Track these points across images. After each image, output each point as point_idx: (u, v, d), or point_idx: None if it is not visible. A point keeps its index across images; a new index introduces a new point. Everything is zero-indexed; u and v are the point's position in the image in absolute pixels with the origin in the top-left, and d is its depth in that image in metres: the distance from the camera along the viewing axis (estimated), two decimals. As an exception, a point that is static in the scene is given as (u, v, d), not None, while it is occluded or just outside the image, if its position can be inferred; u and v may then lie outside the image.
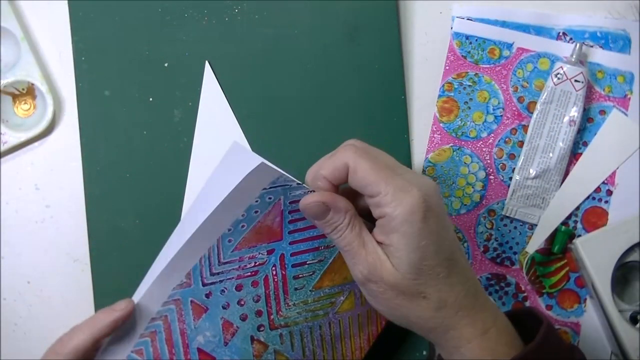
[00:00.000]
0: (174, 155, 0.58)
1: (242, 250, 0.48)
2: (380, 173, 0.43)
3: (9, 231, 0.58)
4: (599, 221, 0.60)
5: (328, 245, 0.48)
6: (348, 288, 0.49)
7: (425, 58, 0.61)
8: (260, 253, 0.48)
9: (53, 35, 0.59)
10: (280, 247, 0.48)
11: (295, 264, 0.48)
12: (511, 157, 0.60)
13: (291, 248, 0.48)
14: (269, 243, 0.48)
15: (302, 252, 0.48)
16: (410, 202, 0.42)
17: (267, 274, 0.48)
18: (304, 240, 0.48)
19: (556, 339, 0.45)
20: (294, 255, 0.48)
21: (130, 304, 0.48)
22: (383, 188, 0.43)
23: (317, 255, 0.48)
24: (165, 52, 0.59)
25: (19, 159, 0.59)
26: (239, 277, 0.48)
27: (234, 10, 0.59)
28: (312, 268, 0.48)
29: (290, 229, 0.48)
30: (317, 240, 0.48)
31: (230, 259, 0.48)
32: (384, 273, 0.43)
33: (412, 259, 0.43)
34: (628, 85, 0.60)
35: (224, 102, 0.59)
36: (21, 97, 0.59)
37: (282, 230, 0.48)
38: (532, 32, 0.60)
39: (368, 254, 0.44)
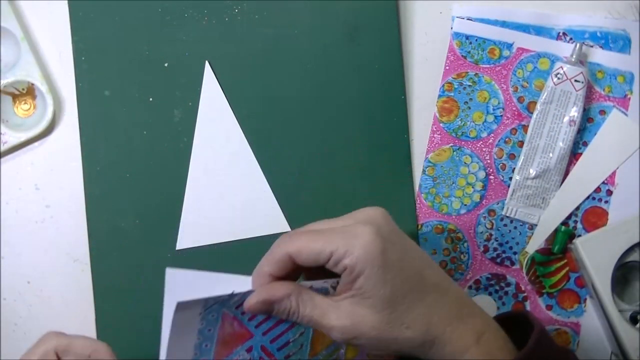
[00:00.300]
0: (174, 155, 0.58)
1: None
2: (320, 237, 0.43)
3: (9, 231, 0.58)
4: (599, 221, 0.60)
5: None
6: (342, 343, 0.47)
7: (425, 58, 0.61)
8: (240, 355, 0.46)
9: (53, 35, 0.59)
10: (257, 341, 0.46)
11: (280, 347, 0.46)
12: (511, 157, 0.60)
13: (267, 337, 0.46)
14: (243, 344, 0.46)
15: (280, 335, 0.46)
16: (362, 243, 0.42)
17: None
18: (274, 326, 0.46)
19: (549, 342, 0.45)
20: (274, 341, 0.46)
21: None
22: (331, 247, 0.42)
23: (296, 330, 0.46)
24: (165, 52, 0.59)
25: (19, 159, 0.59)
26: None
27: (234, 10, 0.59)
28: (298, 343, 0.46)
29: (254, 324, 0.46)
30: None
31: None
32: (360, 326, 0.43)
33: (383, 295, 0.42)
34: (628, 85, 0.60)
35: (224, 102, 0.59)
36: (21, 97, 0.59)
37: (248, 329, 0.46)
38: (532, 32, 0.60)
39: (336, 319, 0.43)
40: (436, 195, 0.60)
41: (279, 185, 0.59)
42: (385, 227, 0.44)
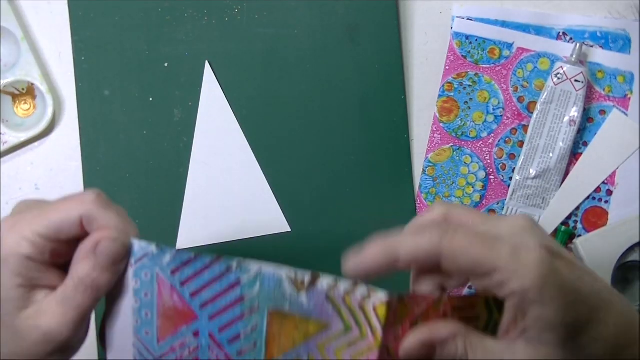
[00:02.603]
0: (174, 155, 0.58)
1: (167, 340, 0.41)
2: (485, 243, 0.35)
3: (9, 231, 0.58)
4: (599, 221, 0.60)
5: (252, 307, 0.40)
6: (304, 350, 0.39)
7: (425, 58, 0.61)
8: (186, 338, 0.41)
9: (53, 35, 0.59)
10: (203, 325, 0.40)
11: (230, 340, 0.40)
12: (511, 157, 0.60)
13: (214, 323, 0.40)
14: (189, 325, 0.40)
15: (228, 324, 0.40)
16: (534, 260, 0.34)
17: (210, 357, 0.41)
18: (221, 311, 0.40)
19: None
20: (223, 331, 0.40)
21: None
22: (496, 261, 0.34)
23: (247, 322, 0.40)
24: (165, 52, 0.59)
25: (19, 159, 0.59)
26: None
27: (234, 10, 0.59)
28: (250, 339, 0.40)
29: (198, 304, 0.40)
30: (236, 306, 0.40)
31: (162, 351, 0.41)
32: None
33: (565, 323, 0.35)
34: (628, 85, 0.60)
35: (224, 102, 0.59)
36: (21, 97, 0.59)
37: (191, 308, 0.40)
38: (532, 32, 0.60)
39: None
40: (436, 195, 0.60)
41: (279, 185, 0.59)
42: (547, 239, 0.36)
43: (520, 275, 0.34)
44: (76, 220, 0.39)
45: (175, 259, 0.40)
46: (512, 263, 0.34)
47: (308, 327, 0.39)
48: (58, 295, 0.38)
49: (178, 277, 0.40)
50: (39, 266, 0.39)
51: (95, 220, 0.39)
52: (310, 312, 0.39)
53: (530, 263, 0.34)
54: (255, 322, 0.40)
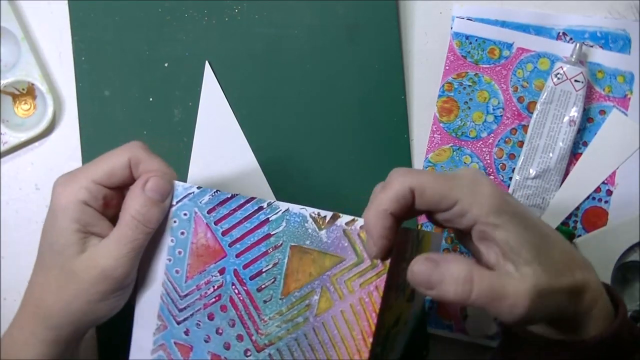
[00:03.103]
0: (174, 155, 0.58)
1: (194, 278, 0.45)
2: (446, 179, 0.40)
3: (9, 231, 0.58)
4: (599, 221, 0.60)
5: (275, 245, 0.44)
6: (318, 284, 0.44)
7: (425, 58, 0.61)
8: (213, 276, 0.45)
9: (53, 35, 0.59)
10: (229, 263, 0.44)
11: (252, 276, 0.44)
12: (511, 157, 0.60)
13: (240, 260, 0.44)
14: (217, 262, 0.45)
15: (252, 261, 0.44)
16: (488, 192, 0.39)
17: (231, 294, 0.45)
18: (248, 248, 0.44)
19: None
20: (247, 267, 0.44)
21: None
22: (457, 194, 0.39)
23: (269, 259, 0.44)
24: (165, 52, 0.59)
25: (19, 159, 0.59)
26: (205, 305, 0.45)
27: (234, 10, 0.59)
28: (271, 274, 0.44)
29: (228, 242, 0.44)
30: (262, 243, 0.44)
31: (188, 290, 0.45)
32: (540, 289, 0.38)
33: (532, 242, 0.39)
34: (628, 85, 0.60)
35: (224, 102, 0.59)
36: (21, 97, 0.59)
37: (222, 246, 0.44)
38: (532, 32, 0.60)
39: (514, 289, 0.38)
40: (436, 195, 0.60)
41: (279, 185, 0.59)
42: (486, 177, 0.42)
43: (478, 203, 0.39)
44: (126, 163, 0.43)
45: (213, 199, 0.44)
46: (470, 194, 0.39)
47: (324, 261, 0.43)
48: (112, 235, 0.43)
49: (213, 216, 0.44)
50: (94, 212, 0.43)
51: (141, 162, 0.43)
52: (328, 246, 0.43)
53: (486, 193, 0.39)
54: (277, 259, 0.44)
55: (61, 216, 0.42)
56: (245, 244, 0.44)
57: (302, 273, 0.44)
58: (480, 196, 0.39)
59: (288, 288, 0.44)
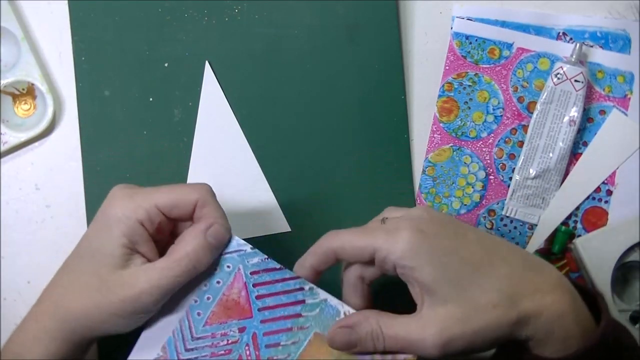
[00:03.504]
0: (174, 155, 0.58)
1: (213, 326, 0.46)
2: (364, 234, 0.44)
3: (9, 231, 0.58)
4: (599, 221, 0.60)
5: (302, 326, 0.45)
6: None
7: (425, 58, 0.61)
8: (231, 330, 0.46)
9: (53, 35, 0.59)
10: (252, 325, 0.46)
11: (268, 345, 0.45)
12: (511, 157, 0.60)
13: (263, 327, 0.46)
14: (240, 320, 0.46)
15: (274, 332, 0.45)
16: (404, 236, 0.42)
17: (241, 354, 0.45)
18: (275, 319, 0.46)
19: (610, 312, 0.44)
20: (267, 335, 0.45)
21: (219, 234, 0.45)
22: (374, 244, 0.43)
23: (291, 336, 0.45)
24: (165, 52, 0.59)
25: (19, 159, 0.59)
26: (212, 354, 0.45)
27: (234, 10, 0.59)
28: (286, 350, 0.45)
29: (259, 306, 0.46)
30: (289, 319, 0.46)
31: (202, 334, 0.46)
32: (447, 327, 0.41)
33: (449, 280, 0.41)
34: (628, 85, 0.60)
35: (224, 102, 0.59)
36: (21, 97, 0.59)
37: (251, 307, 0.46)
38: (532, 32, 0.60)
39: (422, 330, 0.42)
40: (436, 195, 0.60)
41: (279, 185, 0.59)
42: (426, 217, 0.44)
43: (394, 249, 0.42)
44: (193, 202, 0.45)
45: (261, 263, 0.46)
46: (386, 241, 0.43)
47: (341, 356, 0.45)
48: (159, 263, 0.43)
49: (254, 279, 0.46)
50: (145, 233, 0.44)
51: (207, 205, 0.45)
52: None
53: (401, 238, 0.42)
54: (298, 338, 0.45)
55: (114, 227, 0.43)
56: (274, 314, 0.46)
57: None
58: (396, 241, 0.42)
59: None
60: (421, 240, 0.42)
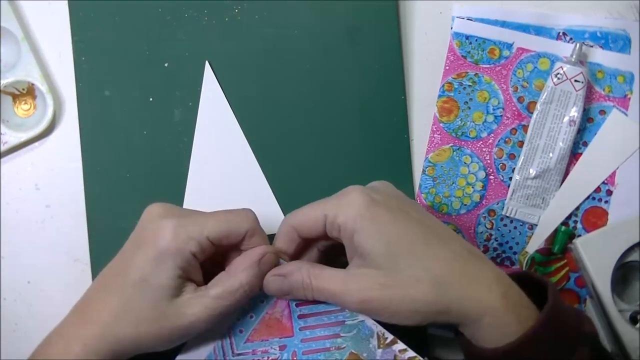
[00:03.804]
0: (174, 155, 0.58)
1: (254, 343, 0.47)
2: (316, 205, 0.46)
3: (9, 231, 0.58)
4: (599, 221, 0.60)
5: (339, 346, 0.47)
6: None
7: (425, 58, 0.61)
8: (272, 348, 0.47)
9: (53, 35, 0.59)
10: (292, 344, 0.47)
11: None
12: (511, 157, 0.60)
13: (303, 346, 0.47)
14: (281, 338, 0.47)
15: (313, 351, 0.47)
16: (350, 200, 0.44)
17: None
18: (315, 338, 0.47)
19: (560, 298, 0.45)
20: (306, 354, 0.47)
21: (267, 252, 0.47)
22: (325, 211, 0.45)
23: (329, 355, 0.47)
24: (165, 52, 0.59)
25: (19, 159, 0.59)
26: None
27: (234, 10, 0.59)
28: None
29: (301, 325, 0.47)
30: (329, 340, 0.47)
31: (243, 350, 0.47)
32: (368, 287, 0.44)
33: (381, 248, 0.43)
34: (628, 85, 0.60)
35: (224, 102, 0.59)
36: (21, 97, 0.59)
37: (293, 326, 0.47)
38: (532, 32, 0.60)
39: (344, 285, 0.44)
40: (436, 195, 0.60)
41: (278, 185, 0.59)
42: (380, 187, 0.47)
43: (342, 212, 0.44)
44: (243, 232, 0.46)
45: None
46: (336, 207, 0.45)
47: None
48: (212, 291, 0.44)
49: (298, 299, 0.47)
50: (197, 264, 0.45)
51: (256, 235, 0.46)
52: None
53: (349, 203, 0.44)
54: (334, 358, 0.47)
55: (169, 259, 0.44)
56: (315, 334, 0.47)
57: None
58: (344, 206, 0.45)
59: None
60: (367, 205, 0.44)
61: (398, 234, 0.44)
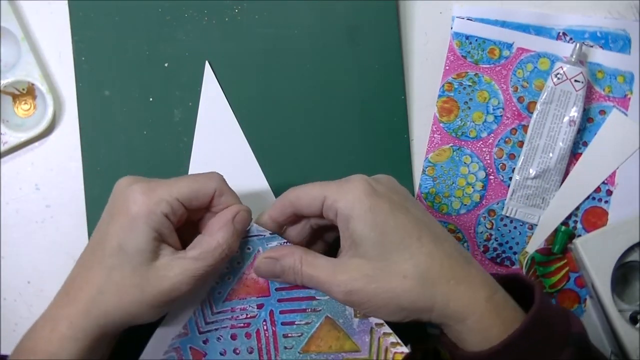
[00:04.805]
0: (174, 155, 0.58)
1: (232, 301, 0.48)
2: (318, 185, 0.47)
3: (9, 231, 0.58)
4: (599, 221, 0.60)
5: (315, 308, 0.48)
6: (332, 358, 0.48)
7: (425, 58, 0.61)
8: (250, 306, 0.48)
9: (53, 35, 0.59)
10: (269, 303, 0.48)
11: (284, 322, 0.48)
12: (511, 157, 0.60)
13: (280, 305, 0.48)
14: (258, 297, 0.48)
15: (290, 311, 0.48)
16: (351, 187, 0.45)
17: (259, 327, 0.48)
18: (291, 299, 0.48)
19: (549, 300, 0.46)
20: (283, 314, 0.48)
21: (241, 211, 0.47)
22: (325, 192, 0.45)
23: (305, 317, 0.48)
24: (165, 52, 0.59)
25: (19, 159, 0.59)
26: (232, 326, 0.48)
27: (234, 10, 0.59)
28: (300, 329, 0.48)
29: (277, 286, 0.48)
30: (304, 301, 0.48)
31: (222, 309, 0.48)
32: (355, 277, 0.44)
33: (374, 238, 0.43)
34: (628, 85, 0.60)
35: (224, 102, 0.59)
36: (21, 97, 0.59)
37: (269, 286, 0.48)
38: (532, 32, 0.60)
39: (333, 274, 0.45)
40: (436, 195, 0.60)
41: (279, 185, 0.59)
42: (383, 180, 0.47)
43: (342, 197, 0.44)
44: (211, 192, 0.46)
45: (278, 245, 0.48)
46: (337, 191, 0.45)
47: (345, 343, 0.48)
48: (191, 253, 0.45)
49: None
50: (170, 226, 0.45)
51: (225, 194, 0.47)
52: (354, 333, 0.48)
53: (350, 190, 0.45)
54: (311, 320, 0.48)
55: (142, 223, 0.44)
56: (290, 295, 0.48)
57: (324, 342, 0.48)
58: (344, 191, 0.45)
59: (308, 347, 0.48)
60: (367, 194, 0.44)
61: (394, 226, 0.44)
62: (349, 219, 0.44)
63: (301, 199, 0.47)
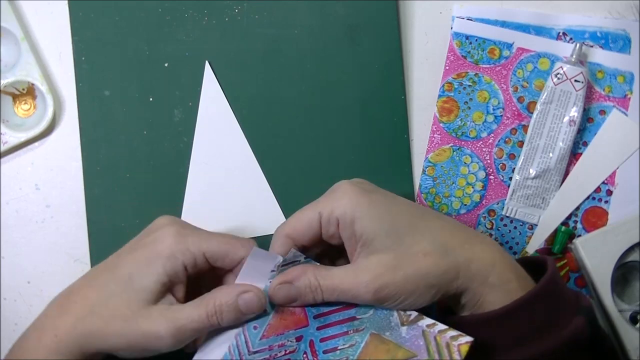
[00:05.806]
0: (174, 155, 0.58)
1: (270, 339, 0.46)
2: (307, 207, 0.47)
3: (9, 231, 0.58)
4: (599, 221, 0.60)
5: (357, 328, 0.46)
6: None
7: (425, 58, 0.61)
8: (289, 340, 0.46)
9: (53, 35, 0.59)
10: (308, 333, 0.46)
11: (326, 350, 0.46)
12: (511, 157, 0.60)
13: (319, 333, 0.46)
14: (296, 329, 0.46)
15: (331, 337, 0.46)
16: (342, 193, 0.45)
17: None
18: (331, 324, 0.46)
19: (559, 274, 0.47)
20: (324, 341, 0.46)
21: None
22: (318, 209, 0.45)
23: (348, 339, 0.45)
24: (165, 52, 0.59)
25: (19, 159, 0.59)
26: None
27: (234, 10, 0.59)
28: (344, 353, 0.45)
29: (314, 314, 0.46)
30: (345, 324, 0.46)
31: (259, 347, 0.46)
32: (381, 273, 0.44)
33: (385, 230, 0.44)
34: (628, 85, 0.60)
35: (224, 102, 0.59)
36: (21, 97, 0.59)
37: (307, 315, 0.46)
38: (532, 32, 0.60)
39: (356, 278, 0.44)
40: (436, 195, 0.60)
41: (279, 185, 0.59)
42: (361, 181, 0.48)
43: (338, 205, 0.45)
44: (239, 259, 0.46)
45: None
46: (329, 202, 0.45)
47: (398, 353, 0.45)
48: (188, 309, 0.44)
49: None
50: (184, 277, 0.45)
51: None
52: (405, 341, 0.45)
53: (342, 196, 0.45)
54: (355, 341, 0.45)
55: (159, 264, 0.44)
56: (329, 320, 0.46)
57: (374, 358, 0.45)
58: (337, 199, 0.45)
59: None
60: (359, 194, 0.45)
61: (397, 212, 0.45)
62: (353, 221, 0.44)
63: (297, 228, 0.46)
